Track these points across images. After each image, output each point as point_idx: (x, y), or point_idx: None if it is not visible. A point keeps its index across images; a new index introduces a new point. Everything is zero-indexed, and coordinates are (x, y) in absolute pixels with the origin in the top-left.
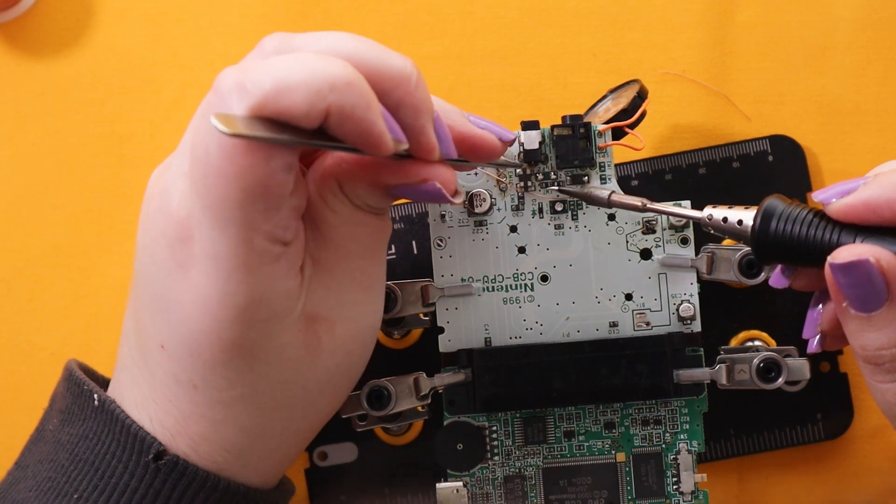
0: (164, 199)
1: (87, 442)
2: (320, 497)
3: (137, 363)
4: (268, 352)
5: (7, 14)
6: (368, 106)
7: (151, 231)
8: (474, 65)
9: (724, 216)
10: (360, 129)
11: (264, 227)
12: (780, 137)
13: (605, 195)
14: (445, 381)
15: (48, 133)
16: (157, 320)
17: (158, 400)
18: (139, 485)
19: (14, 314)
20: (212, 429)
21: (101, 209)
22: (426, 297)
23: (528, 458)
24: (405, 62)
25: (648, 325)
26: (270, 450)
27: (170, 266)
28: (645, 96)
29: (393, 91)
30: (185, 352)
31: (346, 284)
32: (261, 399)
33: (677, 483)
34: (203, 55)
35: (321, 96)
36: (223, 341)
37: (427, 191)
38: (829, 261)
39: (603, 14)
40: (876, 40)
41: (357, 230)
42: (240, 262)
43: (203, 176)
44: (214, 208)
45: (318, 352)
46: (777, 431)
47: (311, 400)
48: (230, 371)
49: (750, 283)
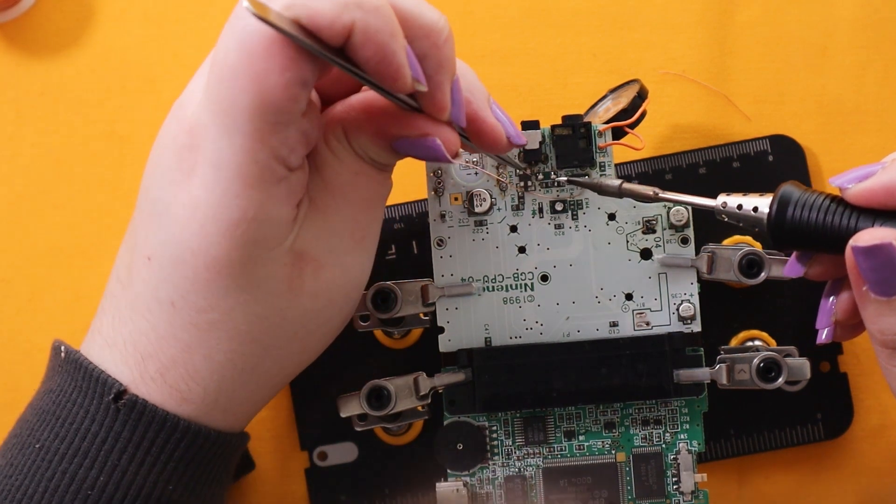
0: (179, 108)
1: (50, 395)
2: (320, 497)
3: (123, 282)
4: (250, 279)
5: (7, 14)
6: (392, 34)
7: (163, 139)
8: (474, 65)
9: (739, 203)
10: (380, 55)
11: (271, 141)
12: (780, 137)
13: (617, 184)
14: (445, 381)
15: (48, 133)
16: (149, 230)
17: (136, 320)
18: (99, 429)
19: (14, 314)
20: (183, 354)
21: (101, 209)
22: (426, 297)
23: (528, 458)
24: (440, 16)
25: (648, 325)
26: (236, 387)
27: (174, 173)
28: (645, 96)
29: (421, 39)
30: (170, 264)
31: (340, 231)
32: (236, 328)
33: (677, 483)
34: (203, 55)
35: (348, 9)
36: (209, 257)
37: (428, 146)
38: (850, 244)
39: (603, 14)
40: (876, 40)
41: (357, 179)
42: (241, 172)
43: (219, 78)
44: (225, 114)
45: (301, 292)
46: (777, 431)
47: (284, 340)
48: (210, 292)
49: (750, 282)
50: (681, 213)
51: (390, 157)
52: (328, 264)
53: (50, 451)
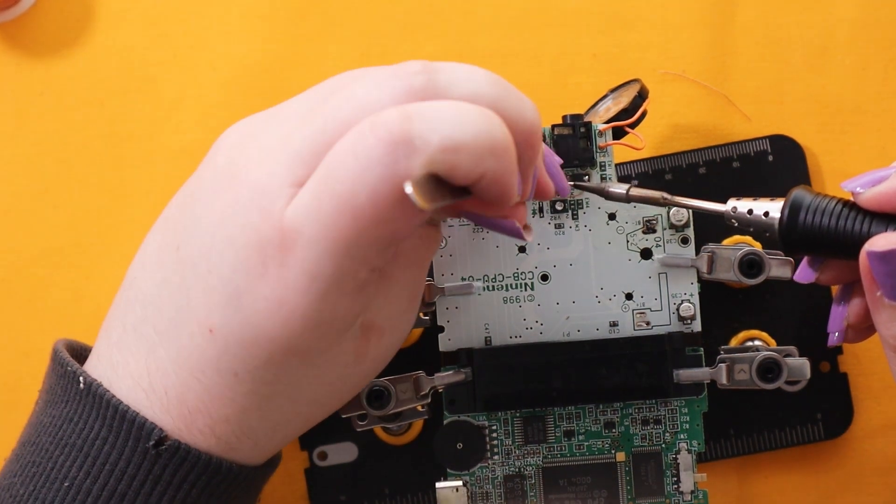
0: (263, 197)
1: (71, 424)
2: (320, 497)
3: (163, 335)
4: (323, 358)
5: (7, 14)
6: (514, 172)
7: (239, 220)
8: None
9: (750, 208)
10: (501, 191)
11: (374, 261)
12: (780, 137)
13: (624, 190)
14: (445, 381)
15: (48, 133)
16: (214, 306)
17: (184, 376)
18: (136, 471)
19: (14, 314)
20: (238, 414)
21: (101, 209)
22: (426, 296)
23: (527, 458)
24: (535, 114)
25: (648, 325)
26: (283, 435)
27: (253, 263)
28: (645, 96)
29: (521, 142)
30: (240, 345)
31: (401, 294)
32: (299, 396)
33: (677, 483)
34: (203, 55)
35: (482, 161)
36: (287, 346)
37: (505, 226)
38: (866, 249)
39: (603, 14)
40: (876, 40)
41: (420, 241)
42: (337, 286)
43: (337, 212)
44: (337, 241)
45: (365, 358)
46: (777, 431)
47: (340, 399)
48: (281, 370)
49: (750, 282)
50: (681, 213)
51: (454, 216)
52: (389, 330)
53: (82, 491)
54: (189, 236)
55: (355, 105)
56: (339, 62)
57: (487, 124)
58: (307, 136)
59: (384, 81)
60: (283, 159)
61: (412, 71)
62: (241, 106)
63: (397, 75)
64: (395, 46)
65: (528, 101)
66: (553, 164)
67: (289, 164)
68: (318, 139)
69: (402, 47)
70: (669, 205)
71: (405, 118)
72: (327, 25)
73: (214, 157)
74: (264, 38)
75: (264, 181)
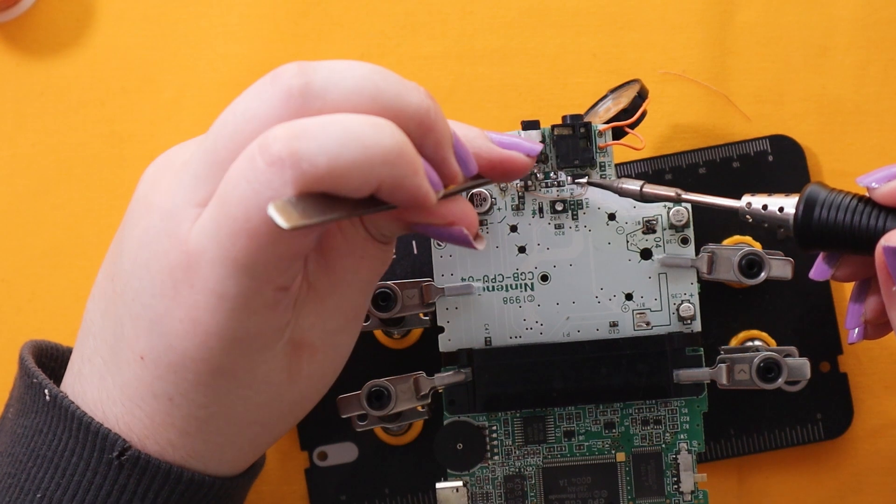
0: (169, 221)
1: (42, 436)
2: (320, 497)
3: (108, 364)
4: (252, 376)
5: (7, 14)
6: (416, 172)
7: (151, 246)
8: (474, 65)
9: (764, 204)
10: (408, 194)
11: (278, 280)
12: (780, 137)
13: (637, 187)
14: (445, 381)
15: (48, 133)
16: (140, 332)
17: (128, 405)
18: (103, 481)
19: (14, 314)
20: (181, 438)
21: (101, 209)
22: (426, 296)
23: (527, 458)
24: (421, 96)
25: (648, 325)
26: (234, 456)
27: (166, 287)
28: (645, 96)
29: (415, 128)
30: (168, 369)
31: (335, 313)
32: (236, 417)
33: (677, 483)
34: (203, 55)
35: (374, 172)
36: (210, 366)
37: (452, 234)
38: (882, 244)
39: (603, 14)
40: (876, 40)
41: (360, 262)
42: (245, 305)
43: (233, 234)
44: (236, 262)
45: (298, 377)
46: (777, 431)
47: (282, 418)
48: (212, 391)
49: (750, 282)
50: (681, 213)
51: (405, 231)
52: (323, 347)
53: (53, 501)
54: (117, 267)
55: (238, 118)
56: None
57: (375, 136)
58: (201, 156)
59: (261, 91)
60: (185, 181)
61: (288, 76)
62: None
63: (273, 82)
64: (395, 46)
65: (412, 86)
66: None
67: (190, 186)
68: (211, 158)
69: (402, 47)
70: (684, 202)
71: (292, 137)
72: (327, 25)
73: (137, 189)
74: (264, 38)
75: (169, 205)
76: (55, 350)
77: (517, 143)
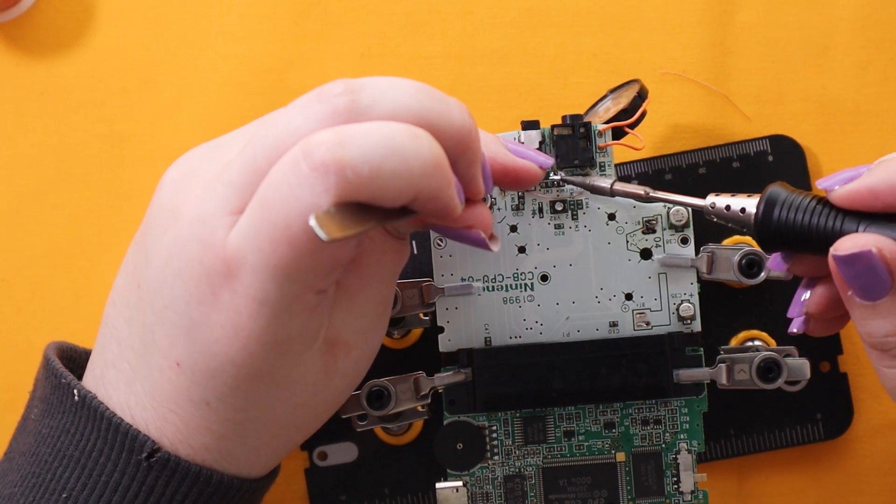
0: (203, 227)
1: (69, 436)
2: (320, 497)
3: (136, 370)
4: (290, 378)
5: (7, 14)
6: (450, 185)
7: (184, 254)
8: (474, 65)
9: (727, 204)
10: (439, 206)
11: (319, 285)
12: (780, 137)
13: (608, 184)
14: (445, 381)
15: (48, 133)
16: (176, 340)
17: (161, 410)
18: (131, 482)
19: (14, 314)
20: (217, 442)
21: (101, 209)
22: (426, 296)
23: (527, 458)
24: (464, 116)
25: (648, 325)
26: (268, 457)
27: (203, 294)
28: (645, 96)
29: (454, 146)
30: (206, 374)
31: (365, 309)
32: (273, 419)
33: (677, 483)
34: (203, 55)
35: (413, 184)
36: (251, 370)
37: (469, 237)
38: (831, 252)
39: (603, 14)
40: (876, 40)
41: (384, 257)
42: (286, 309)
43: (274, 241)
44: (277, 268)
45: (335, 375)
46: (777, 431)
47: (316, 417)
48: (250, 394)
49: (750, 282)
50: (681, 213)
51: (420, 230)
52: (356, 343)
53: (79, 502)
54: (144, 275)
55: (280, 130)
56: (339, 62)
57: (415, 148)
58: (239, 165)
59: (307, 106)
60: (219, 190)
61: (334, 93)
62: (241, 106)
63: (320, 98)
64: (395, 46)
65: (456, 104)
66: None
67: (225, 195)
68: (250, 168)
69: (402, 47)
70: (652, 200)
71: (337, 144)
72: (327, 25)
73: (159, 195)
74: (264, 38)
75: (202, 212)
76: (73, 351)
77: (531, 154)
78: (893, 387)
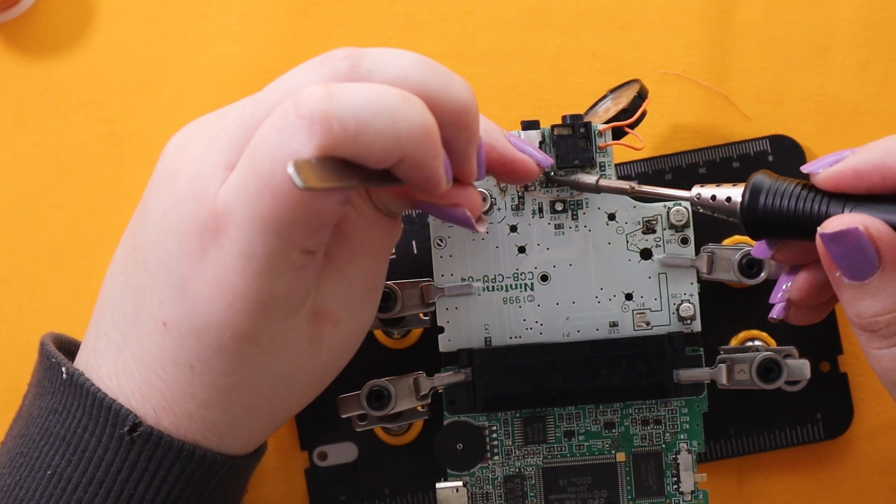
0: (197, 183)
1: (56, 415)
2: (320, 497)
3: (126, 335)
4: (275, 344)
5: (7, 14)
6: (437, 156)
7: (178, 210)
8: (474, 65)
9: (713, 194)
10: (424, 175)
11: (305, 244)
12: (780, 137)
13: (594, 180)
14: (445, 381)
15: (48, 133)
16: (164, 298)
17: (147, 375)
18: (114, 458)
19: (14, 314)
20: (200, 410)
21: (101, 209)
22: (426, 296)
23: (527, 458)
24: (466, 93)
25: (648, 325)
26: (251, 430)
27: (193, 250)
28: (645, 96)
29: (452, 122)
30: (192, 335)
31: (354, 282)
32: (256, 387)
33: (677, 483)
34: (203, 55)
35: (399, 146)
36: (235, 330)
37: (456, 215)
38: (819, 231)
39: (603, 14)
40: (876, 40)
41: (373, 231)
42: (272, 265)
43: (259, 191)
44: (262, 220)
45: (320, 346)
46: (777, 431)
47: (301, 391)
48: (234, 358)
49: (750, 283)
50: (681, 212)
51: (409, 207)
52: (344, 317)
53: (63, 479)
54: (140, 236)
55: (283, 90)
56: None
57: (406, 109)
58: (238, 122)
59: (311, 69)
60: (215, 146)
61: (338, 57)
62: None
63: (323, 62)
64: (394, 46)
65: (459, 81)
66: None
67: (220, 150)
68: (248, 124)
69: (402, 47)
70: (637, 194)
71: (326, 97)
72: (327, 25)
73: (161, 161)
74: (264, 38)
75: (198, 169)
76: (73, 344)
77: (531, 151)
78: (882, 368)
